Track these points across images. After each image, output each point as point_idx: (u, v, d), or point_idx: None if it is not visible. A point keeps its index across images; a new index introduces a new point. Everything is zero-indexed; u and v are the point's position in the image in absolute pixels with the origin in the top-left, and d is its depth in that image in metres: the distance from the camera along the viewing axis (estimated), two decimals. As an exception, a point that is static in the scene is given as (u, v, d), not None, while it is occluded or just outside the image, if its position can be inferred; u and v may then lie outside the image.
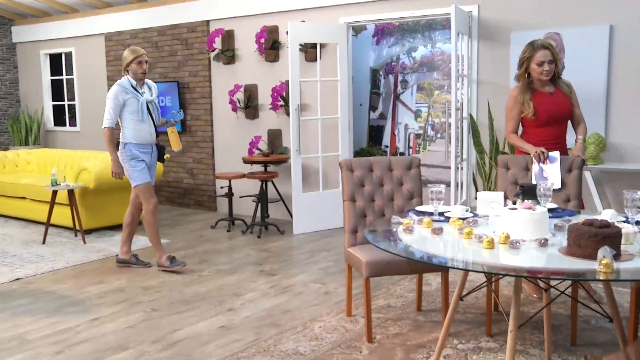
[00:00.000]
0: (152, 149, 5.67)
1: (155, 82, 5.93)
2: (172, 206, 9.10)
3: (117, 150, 5.53)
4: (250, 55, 8.06)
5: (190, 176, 8.89)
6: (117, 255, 5.93)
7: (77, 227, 6.96)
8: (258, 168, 7.70)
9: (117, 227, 7.47)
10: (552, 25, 6.02)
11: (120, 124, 5.52)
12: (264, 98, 7.95)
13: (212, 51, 8.31)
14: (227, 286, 5.18)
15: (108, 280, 5.37)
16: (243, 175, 7.37)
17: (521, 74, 4.59)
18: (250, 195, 7.64)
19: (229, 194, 7.50)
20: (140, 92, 5.53)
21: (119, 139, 5.53)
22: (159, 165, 7.88)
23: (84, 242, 6.75)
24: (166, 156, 5.87)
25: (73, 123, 10.79)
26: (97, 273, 5.61)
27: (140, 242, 6.62)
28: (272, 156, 7.45)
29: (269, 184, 7.52)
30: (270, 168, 7.73)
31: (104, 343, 4.00)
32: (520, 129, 4.74)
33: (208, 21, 8.43)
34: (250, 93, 8.06)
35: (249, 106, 8.07)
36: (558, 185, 4.22)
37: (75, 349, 3.91)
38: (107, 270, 5.71)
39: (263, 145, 7.92)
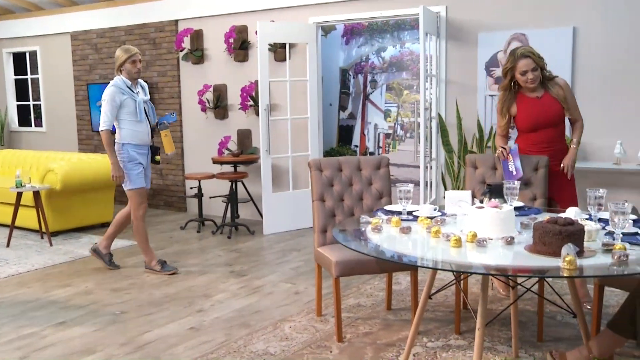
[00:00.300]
0: (147, 150, 5.56)
1: None
2: (141, 207, 9.00)
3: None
4: (220, 55, 8.03)
5: (159, 177, 8.81)
6: (92, 249, 5.84)
7: (43, 230, 6.86)
8: (228, 168, 7.67)
9: (85, 229, 7.41)
10: (518, 26, 6.10)
11: (116, 125, 5.40)
12: (234, 98, 7.93)
13: (181, 51, 8.25)
14: (196, 287, 5.15)
15: (75, 283, 5.30)
16: (213, 176, 7.33)
17: (506, 84, 4.46)
18: (220, 196, 7.61)
19: (199, 195, 7.46)
20: (135, 92, 5.43)
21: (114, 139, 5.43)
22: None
23: (50, 245, 6.65)
24: (157, 158, 5.72)
25: (39, 123, 10.63)
26: (64, 276, 5.54)
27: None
28: (241, 156, 7.43)
29: (239, 184, 7.49)
30: (240, 168, 7.70)
31: (70, 347, 3.94)
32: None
33: (176, 21, 8.37)
34: (220, 93, 8.03)
35: (218, 106, 8.03)
36: (520, 175, 4.27)
37: (40, 354, 3.85)
38: (75, 272, 5.63)
39: (233, 145, 7.89)
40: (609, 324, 2.85)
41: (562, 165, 4.38)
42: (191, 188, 8.16)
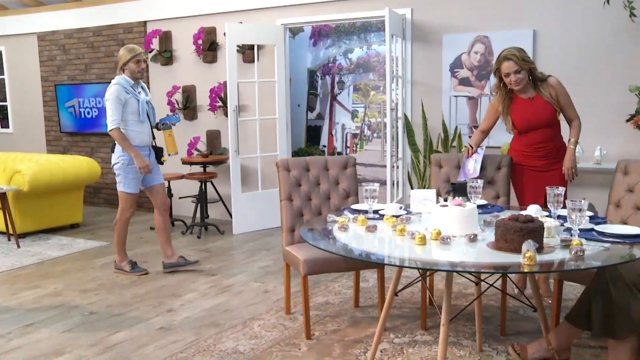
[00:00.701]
0: (149, 151, 5.43)
1: (91, 84, 5.75)
2: (111, 208, 8.90)
3: (114, 151, 5.34)
4: (188, 57, 7.98)
5: (128, 178, 8.72)
6: (127, 262, 5.58)
7: (11, 231, 6.76)
8: (197, 169, 7.62)
9: (53, 230, 7.32)
10: (481, 29, 6.18)
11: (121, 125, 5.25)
12: (202, 99, 7.89)
13: (150, 52, 8.18)
14: (166, 287, 5.13)
15: (43, 285, 5.24)
16: (182, 176, 7.30)
17: (497, 85, 4.41)
18: (189, 196, 7.56)
19: (168, 195, 7.39)
20: (137, 91, 5.29)
21: (114, 142, 5.30)
22: (96, 165, 7.75)
23: (18, 247, 6.56)
24: (164, 159, 5.59)
25: (5, 125, 10.43)
26: (32, 278, 5.47)
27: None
28: (210, 157, 7.41)
29: (208, 185, 7.46)
30: (209, 169, 7.66)
31: (38, 349, 3.90)
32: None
33: (145, 22, 8.30)
34: (189, 94, 7.99)
35: (188, 107, 7.99)
36: (476, 174, 4.32)
37: (6, 357, 3.80)
38: (43, 274, 5.57)
39: (202, 146, 7.86)
40: (566, 316, 2.92)
41: (563, 169, 4.33)
42: (160, 189, 8.09)
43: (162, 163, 5.60)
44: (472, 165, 4.39)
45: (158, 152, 5.51)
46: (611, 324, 2.69)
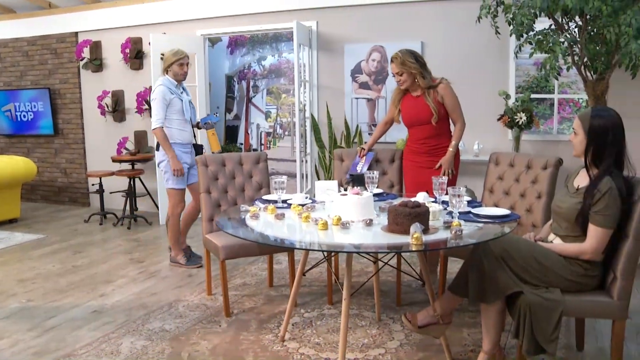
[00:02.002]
0: (191, 149, 5.04)
1: (26, 90, 5.36)
2: (47, 204, 8.50)
3: (158, 149, 4.91)
4: (117, 64, 7.70)
5: (63, 175, 8.36)
6: (182, 256, 5.13)
7: (-51, 228, 6.33)
8: (126, 166, 7.40)
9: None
10: (377, 39, 6.24)
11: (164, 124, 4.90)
12: (130, 102, 7.63)
13: (81, 60, 7.85)
14: (99, 274, 4.92)
15: (-20, 277, 4.92)
16: (112, 173, 7.04)
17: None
18: (119, 191, 7.33)
19: (100, 191, 7.14)
20: (180, 92, 4.93)
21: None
22: (32, 164, 7.36)
23: (-44, 242, 6.15)
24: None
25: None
26: (-31, 270, 5.13)
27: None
28: (138, 155, 7.19)
29: (137, 180, 7.26)
30: (138, 166, 7.44)
31: (-26, 336, 3.65)
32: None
33: (76, 32, 7.95)
34: (118, 98, 7.72)
35: (117, 110, 7.72)
36: (362, 173, 4.21)
37: (-57, 345, 3.54)
38: (-21, 267, 5.23)
39: (130, 145, 7.61)
40: (448, 287, 2.96)
41: (439, 165, 4.19)
42: (93, 185, 7.78)
43: None
44: (361, 166, 4.38)
45: (198, 150, 5.12)
46: (483, 291, 2.75)
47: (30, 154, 8.49)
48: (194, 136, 5.14)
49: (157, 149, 4.95)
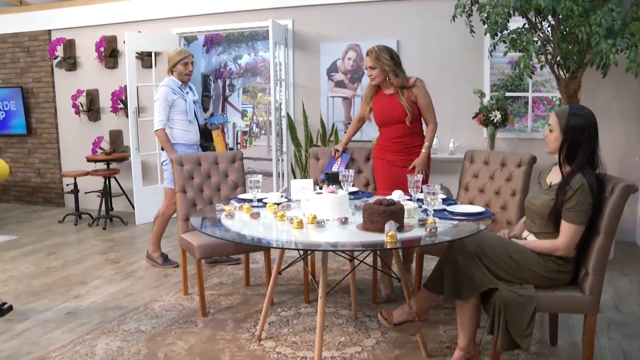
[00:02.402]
0: (197, 150, 4.95)
1: None
2: (21, 204, 8.35)
3: (164, 150, 4.78)
4: (91, 63, 7.60)
5: (37, 175, 8.22)
6: (159, 255, 5.10)
7: None
8: (101, 166, 7.29)
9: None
10: (353, 38, 6.24)
11: (167, 125, 4.80)
12: (105, 101, 7.54)
13: (55, 58, 7.72)
14: (74, 275, 4.84)
15: (-50, 279, 4.82)
16: (87, 173, 6.94)
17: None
18: (95, 191, 7.23)
19: (75, 191, 7.04)
20: (185, 92, 4.84)
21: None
22: (5, 164, 7.21)
23: None
24: None
25: None
26: (-61, 273, 5.01)
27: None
28: (113, 155, 7.10)
29: (112, 180, 7.17)
30: (113, 165, 7.34)
31: (-57, 340, 3.56)
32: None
33: (49, 30, 7.81)
34: (92, 97, 7.61)
35: (91, 109, 7.62)
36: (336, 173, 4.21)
37: None
38: (-50, 269, 5.12)
39: (105, 144, 7.51)
40: (424, 284, 2.97)
41: (412, 166, 4.08)
42: (67, 185, 7.67)
43: None
44: (336, 167, 4.32)
45: (204, 151, 5.00)
46: (458, 287, 2.76)
47: (3, 153, 8.34)
48: (201, 137, 5.04)
49: (162, 149, 4.87)
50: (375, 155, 4.30)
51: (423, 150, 4.10)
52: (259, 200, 3.57)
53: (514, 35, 4.63)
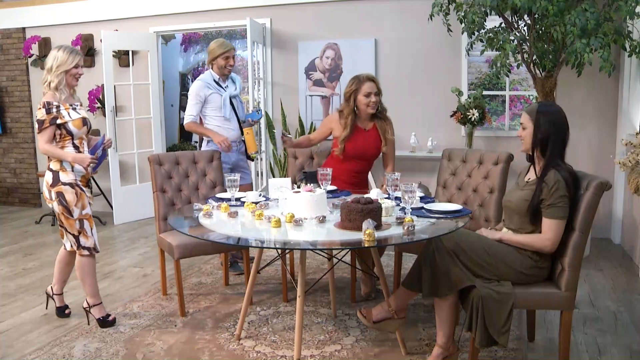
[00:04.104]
0: (237, 147, 4.65)
1: None
2: (5, 207, 8.20)
3: (201, 147, 4.54)
4: (67, 61, 7.48)
5: (13, 176, 8.08)
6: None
7: None
8: (79, 165, 7.18)
9: None
10: (331, 37, 6.23)
11: (202, 121, 4.60)
12: (82, 100, 7.40)
13: (30, 57, 7.59)
14: (51, 277, 4.71)
15: None
16: (64, 173, 6.83)
17: (350, 107, 4.01)
18: (72, 191, 7.12)
19: (51, 191, 6.92)
20: (224, 86, 4.59)
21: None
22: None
23: None
24: (253, 155, 4.60)
25: None
26: None
27: None
28: (91, 154, 6.99)
29: (90, 180, 7.05)
30: (91, 165, 7.24)
31: None
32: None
33: (24, 28, 7.68)
34: (68, 96, 7.50)
35: (68, 108, 7.49)
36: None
37: None
38: None
39: (83, 144, 7.40)
40: (402, 282, 2.97)
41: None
42: (44, 185, 7.55)
43: (251, 159, 4.74)
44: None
45: (245, 149, 4.65)
46: (436, 285, 2.77)
47: (-18, 154, 8.19)
48: (242, 133, 4.64)
49: (200, 147, 4.60)
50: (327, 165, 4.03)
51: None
52: (237, 199, 3.54)
53: (490, 34, 4.66)
